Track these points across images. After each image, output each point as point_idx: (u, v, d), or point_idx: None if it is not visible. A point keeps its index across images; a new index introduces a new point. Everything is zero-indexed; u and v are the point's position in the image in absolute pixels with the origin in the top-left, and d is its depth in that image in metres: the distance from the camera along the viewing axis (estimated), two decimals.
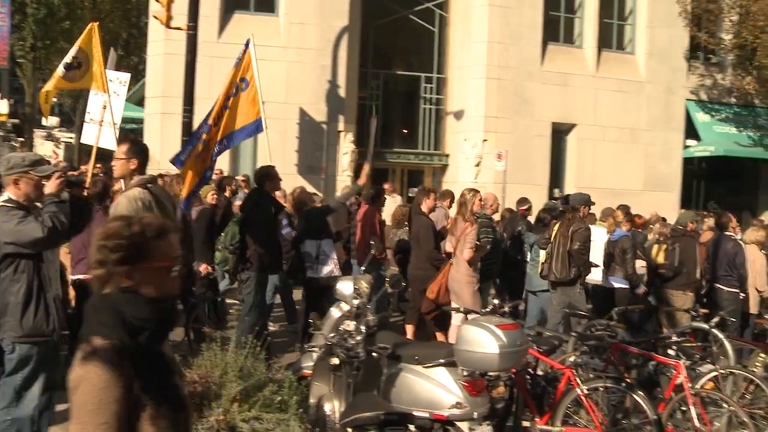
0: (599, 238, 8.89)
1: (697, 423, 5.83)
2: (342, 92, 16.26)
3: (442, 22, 18.40)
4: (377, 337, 5.08)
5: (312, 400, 5.02)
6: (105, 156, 8.76)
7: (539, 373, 5.95)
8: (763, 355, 6.92)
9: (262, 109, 10.60)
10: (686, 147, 19.44)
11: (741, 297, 8.93)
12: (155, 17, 11.86)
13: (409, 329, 8.48)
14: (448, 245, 7.87)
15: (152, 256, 2.11)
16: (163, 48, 15.32)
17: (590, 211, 8.73)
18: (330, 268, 7.74)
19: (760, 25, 17.00)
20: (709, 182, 20.59)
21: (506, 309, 5.51)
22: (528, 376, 5.74)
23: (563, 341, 5.97)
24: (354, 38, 16.78)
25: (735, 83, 19.22)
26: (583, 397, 5.49)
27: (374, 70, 18.22)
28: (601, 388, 5.66)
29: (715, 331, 6.88)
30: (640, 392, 5.56)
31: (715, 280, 9.15)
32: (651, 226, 12.54)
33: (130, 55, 26.67)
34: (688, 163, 19.62)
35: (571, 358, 5.96)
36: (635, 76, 19.03)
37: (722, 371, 6.50)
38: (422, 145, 18.59)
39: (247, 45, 10.89)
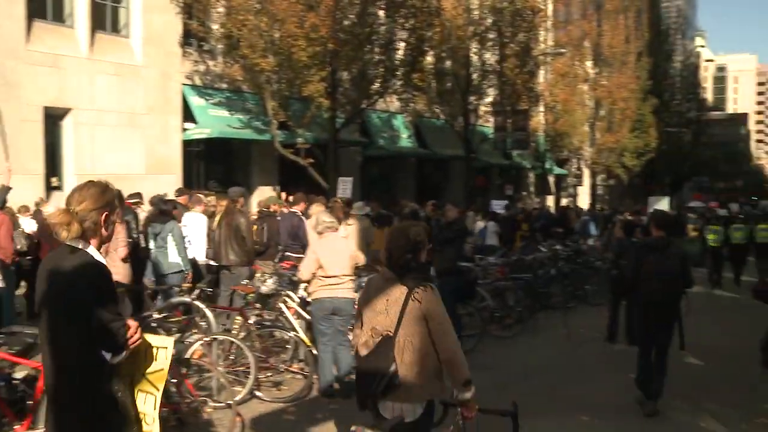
0: (198, 222, 10.15)
1: (185, 393, 6.13)
2: None
3: None
4: None
5: None
6: None
7: (18, 375, 5.59)
8: (239, 318, 7.58)
9: None
10: (185, 130, 20.12)
11: None
12: None
13: None
14: None
15: None
16: None
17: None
18: None
19: (241, 18, 18.32)
20: (208, 163, 21.63)
21: None
22: (2, 382, 5.34)
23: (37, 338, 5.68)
24: None
25: (225, 70, 20.40)
26: None
27: None
28: None
29: (196, 302, 7.31)
30: None
31: (285, 248, 10.94)
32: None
33: None
34: (188, 145, 20.30)
35: None
36: (132, 60, 18.93)
37: (206, 338, 6.97)
38: None
39: None
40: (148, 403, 3.59)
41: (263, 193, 21.33)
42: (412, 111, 26.34)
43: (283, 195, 14.66)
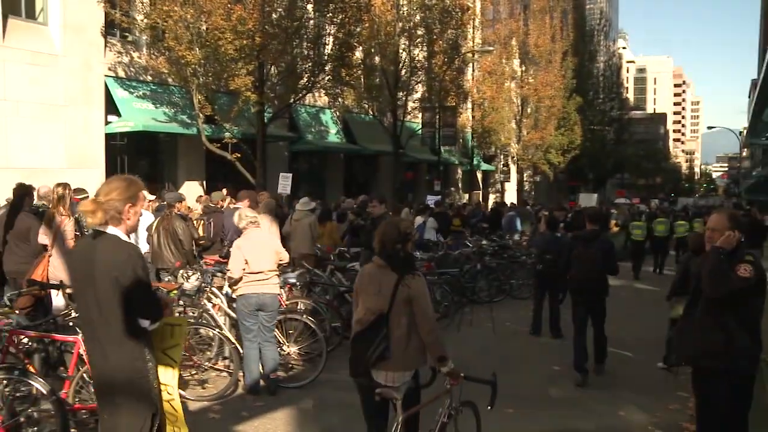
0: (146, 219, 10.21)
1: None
2: None
3: None
4: None
5: None
6: None
7: None
8: None
9: None
10: (108, 123, 19.52)
11: None
12: None
13: None
14: (43, 238, 8.04)
15: None
16: None
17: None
18: None
19: (166, 9, 17.89)
20: (133, 157, 21.00)
21: None
22: None
23: None
24: None
25: (150, 62, 19.88)
26: None
27: None
28: None
29: None
30: (35, 377, 5.41)
31: (230, 243, 10.62)
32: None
33: None
34: (111, 138, 19.70)
35: None
36: (50, 49, 18.20)
37: None
38: None
39: None
40: (167, 375, 4.01)
41: (189, 188, 20.94)
42: (341, 106, 26.28)
43: (224, 191, 14.65)
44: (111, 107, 19.56)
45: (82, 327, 3.99)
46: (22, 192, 9.12)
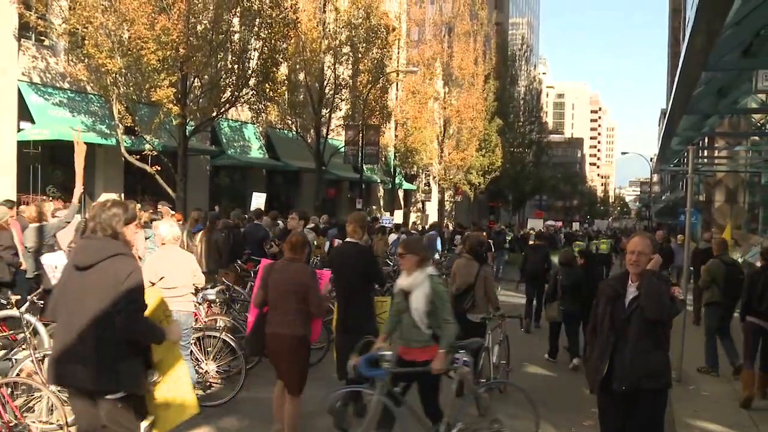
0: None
1: (6, 416, 5.71)
2: None
3: None
4: None
5: None
6: None
7: None
8: None
9: None
10: (20, 130, 18.80)
11: None
12: None
13: None
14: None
15: None
16: None
17: None
18: None
19: (87, 15, 17.42)
20: (47, 166, 20.25)
21: None
22: None
23: None
24: None
25: (68, 69, 19.29)
26: None
27: None
28: None
29: (26, 316, 6.82)
30: None
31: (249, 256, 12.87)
32: None
33: None
34: (24, 146, 18.98)
35: None
36: None
37: (37, 355, 6.47)
38: None
39: None
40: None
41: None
42: (264, 121, 26.13)
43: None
44: (24, 114, 18.83)
45: (338, 298, 7.45)
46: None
